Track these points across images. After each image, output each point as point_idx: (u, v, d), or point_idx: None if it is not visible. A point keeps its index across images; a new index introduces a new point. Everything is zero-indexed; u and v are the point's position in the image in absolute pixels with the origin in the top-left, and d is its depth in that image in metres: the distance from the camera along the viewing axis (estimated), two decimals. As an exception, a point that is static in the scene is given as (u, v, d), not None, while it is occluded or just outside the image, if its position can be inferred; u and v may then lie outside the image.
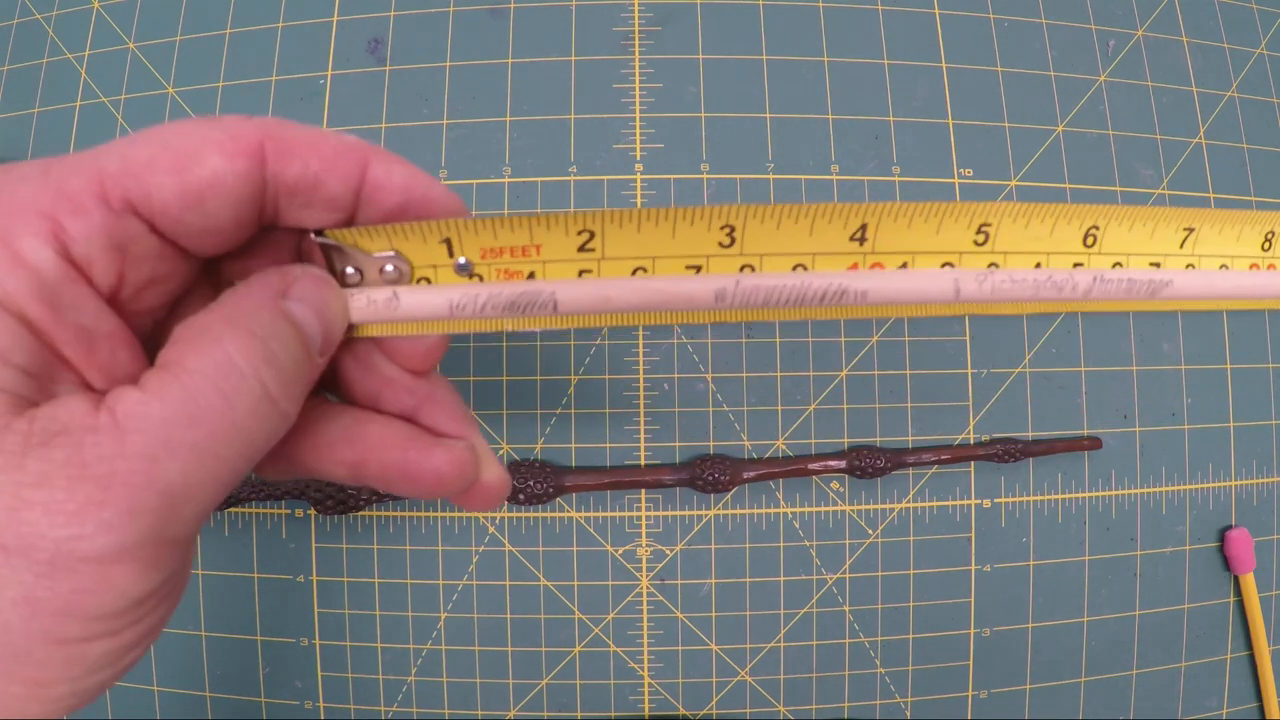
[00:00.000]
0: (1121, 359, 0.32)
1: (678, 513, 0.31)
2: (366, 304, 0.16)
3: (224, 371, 0.13)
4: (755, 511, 0.31)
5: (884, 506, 0.32)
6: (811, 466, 0.31)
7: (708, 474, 0.30)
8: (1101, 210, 0.19)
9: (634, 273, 0.17)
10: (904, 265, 0.18)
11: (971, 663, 0.32)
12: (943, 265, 0.18)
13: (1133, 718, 0.32)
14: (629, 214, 0.17)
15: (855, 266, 0.18)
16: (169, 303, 0.15)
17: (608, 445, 0.31)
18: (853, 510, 0.32)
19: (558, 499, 0.31)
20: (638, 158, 0.32)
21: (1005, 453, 0.31)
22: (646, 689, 0.31)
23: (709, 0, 0.33)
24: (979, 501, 0.32)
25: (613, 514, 0.31)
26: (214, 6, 0.33)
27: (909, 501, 0.32)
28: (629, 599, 0.31)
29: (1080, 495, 0.32)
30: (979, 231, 0.18)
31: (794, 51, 0.32)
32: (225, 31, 0.33)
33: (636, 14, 0.33)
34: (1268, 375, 0.33)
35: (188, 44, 0.33)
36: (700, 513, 0.31)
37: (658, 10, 0.33)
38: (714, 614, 0.31)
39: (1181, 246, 0.19)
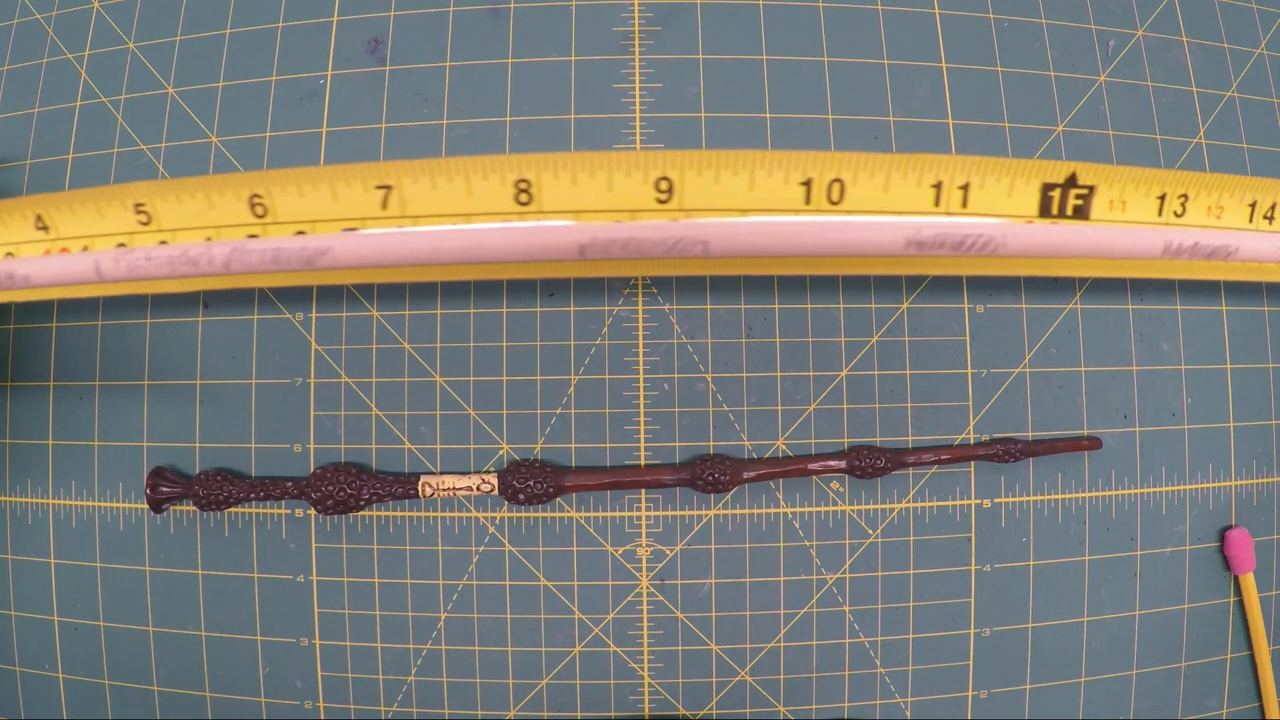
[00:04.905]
0: (1121, 359, 0.32)
1: (678, 513, 0.31)
2: None
3: None
4: (755, 511, 0.31)
5: (884, 506, 0.32)
6: (811, 466, 0.31)
7: (708, 474, 0.30)
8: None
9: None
10: (85, 248, 0.19)
11: (971, 663, 0.32)
12: (118, 245, 0.19)
13: (1133, 718, 0.32)
14: None
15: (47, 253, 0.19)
16: None
17: (608, 445, 0.31)
18: (853, 510, 0.32)
19: (558, 499, 0.31)
20: (638, 158, 0.32)
21: (1005, 453, 0.31)
22: (646, 689, 0.31)
23: (709, 0, 0.33)
24: (979, 501, 0.32)
25: (613, 514, 0.31)
26: (214, 6, 0.33)
27: (909, 501, 0.32)
28: (629, 599, 0.31)
29: (1080, 495, 0.32)
30: (139, 211, 0.19)
31: (794, 51, 0.32)
32: (225, 31, 0.33)
33: (636, 14, 0.33)
34: (1268, 375, 0.33)
35: (188, 44, 0.33)
36: (700, 513, 0.31)
37: (658, 10, 0.33)
38: (714, 614, 0.31)
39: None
